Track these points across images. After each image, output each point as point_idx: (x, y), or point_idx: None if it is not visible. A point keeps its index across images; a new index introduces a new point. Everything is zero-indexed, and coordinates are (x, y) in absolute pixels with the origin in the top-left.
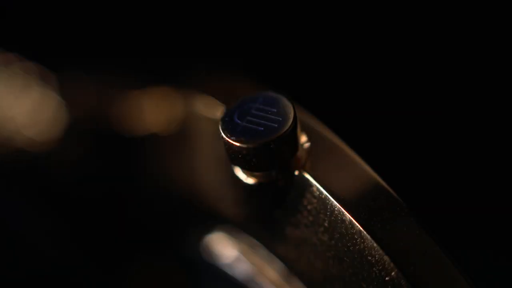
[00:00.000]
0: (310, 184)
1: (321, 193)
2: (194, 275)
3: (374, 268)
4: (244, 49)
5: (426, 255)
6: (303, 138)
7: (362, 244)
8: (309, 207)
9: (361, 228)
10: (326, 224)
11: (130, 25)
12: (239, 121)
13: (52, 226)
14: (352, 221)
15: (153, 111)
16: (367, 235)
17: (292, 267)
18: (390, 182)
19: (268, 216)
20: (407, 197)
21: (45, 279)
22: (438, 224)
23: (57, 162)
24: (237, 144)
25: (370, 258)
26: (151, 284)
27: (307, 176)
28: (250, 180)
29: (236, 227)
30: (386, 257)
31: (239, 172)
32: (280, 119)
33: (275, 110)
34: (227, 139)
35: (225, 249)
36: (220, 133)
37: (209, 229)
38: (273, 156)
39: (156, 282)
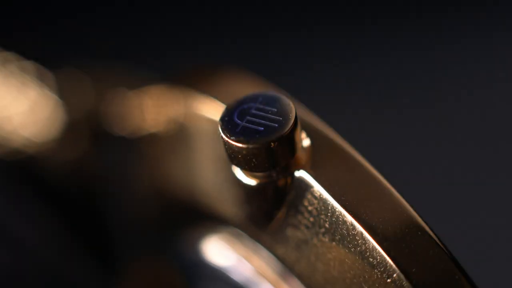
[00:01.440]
0: (311, 185)
1: (322, 193)
2: (192, 277)
3: (375, 270)
4: (245, 49)
5: (429, 256)
6: (304, 138)
7: (363, 246)
8: (309, 208)
9: (362, 229)
10: (327, 225)
11: (129, 24)
12: (239, 121)
13: (49, 226)
14: (353, 222)
15: (152, 110)
16: (368, 236)
17: (292, 269)
18: (393, 181)
19: (268, 217)
20: (410, 196)
21: (43, 280)
22: (439, 223)
23: (54, 162)
24: (237, 144)
25: (371, 259)
26: (149, 286)
27: (308, 176)
28: (250, 181)
29: (235, 228)
30: (388, 259)
31: (239, 173)
32: (281, 118)
33: (275, 110)
34: (226, 139)
35: (224, 250)
36: (220, 133)
37: (208, 230)
38: (273, 156)
39: (155, 284)
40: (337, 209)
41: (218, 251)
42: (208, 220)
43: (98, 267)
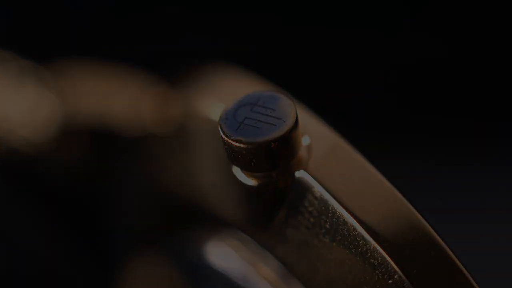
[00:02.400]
0: (311, 185)
1: (322, 194)
2: (192, 278)
3: (376, 271)
4: (245, 48)
5: (432, 257)
6: (305, 138)
7: (364, 247)
8: (310, 208)
9: (363, 231)
10: (327, 226)
11: (129, 23)
12: (238, 121)
13: (48, 227)
14: (354, 223)
15: (151, 110)
16: (369, 237)
17: (292, 270)
18: (394, 181)
19: (268, 218)
20: (411, 196)
21: (42, 280)
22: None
23: (53, 162)
24: (237, 144)
25: (372, 260)
26: (149, 286)
27: (309, 177)
28: (250, 181)
29: (235, 228)
30: (389, 260)
31: (239, 173)
32: (281, 118)
33: (276, 110)
34: (226, 139)
35: (223, 251)
36: (220, 133)
37: (207, 230)
38: (274, 156)
39: (154, 286)
40: (337, 210)
41: (218, 252)
42: (208, 221)
43: (98, 267)
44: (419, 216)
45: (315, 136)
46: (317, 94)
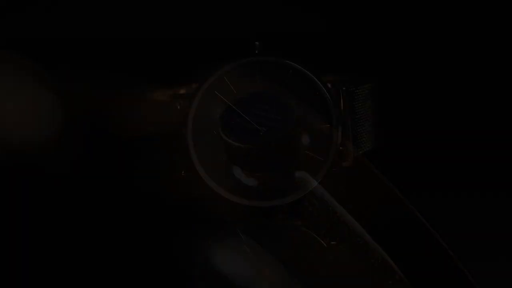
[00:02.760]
0: (311, 185)
1: (322, 194)
2: (192, 278)
3: (377, 271)
4: (244, 49)
5: (432, 258)
6: (304, 138)
7: (364, 247)
8: (310, 209)
9: (364, 231)
10: (327, 226)
11: (129, 23)
12: (239, 121)
13: (48, 226)
14: (354, 223)
15: (151, 110)
16: (369, 237)
17: (293, 270)
18: (394, 182)
19: (269, 218)
20: (411, 198)
21: (42, 280)
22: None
23: (52, 163)
24: (237, 144)
25: (373, 261)
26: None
27: (308, 176)
28: (250, 181)
29: (235, 228)
30: (389, 260)
31: (239, 173)
32: (281, 118)
33: (276, 110)
34: (226, 139)
35: (223, 251)
36: (220, 133)
37: (208, 231)
38: (273, 156)
39: (155, 286)
40: (338, 210)
41: (219, 252)
42: (208, 221)
43: (98, 267)
44: (419, 216)
45: (315, 136)
46: (319, 93)
